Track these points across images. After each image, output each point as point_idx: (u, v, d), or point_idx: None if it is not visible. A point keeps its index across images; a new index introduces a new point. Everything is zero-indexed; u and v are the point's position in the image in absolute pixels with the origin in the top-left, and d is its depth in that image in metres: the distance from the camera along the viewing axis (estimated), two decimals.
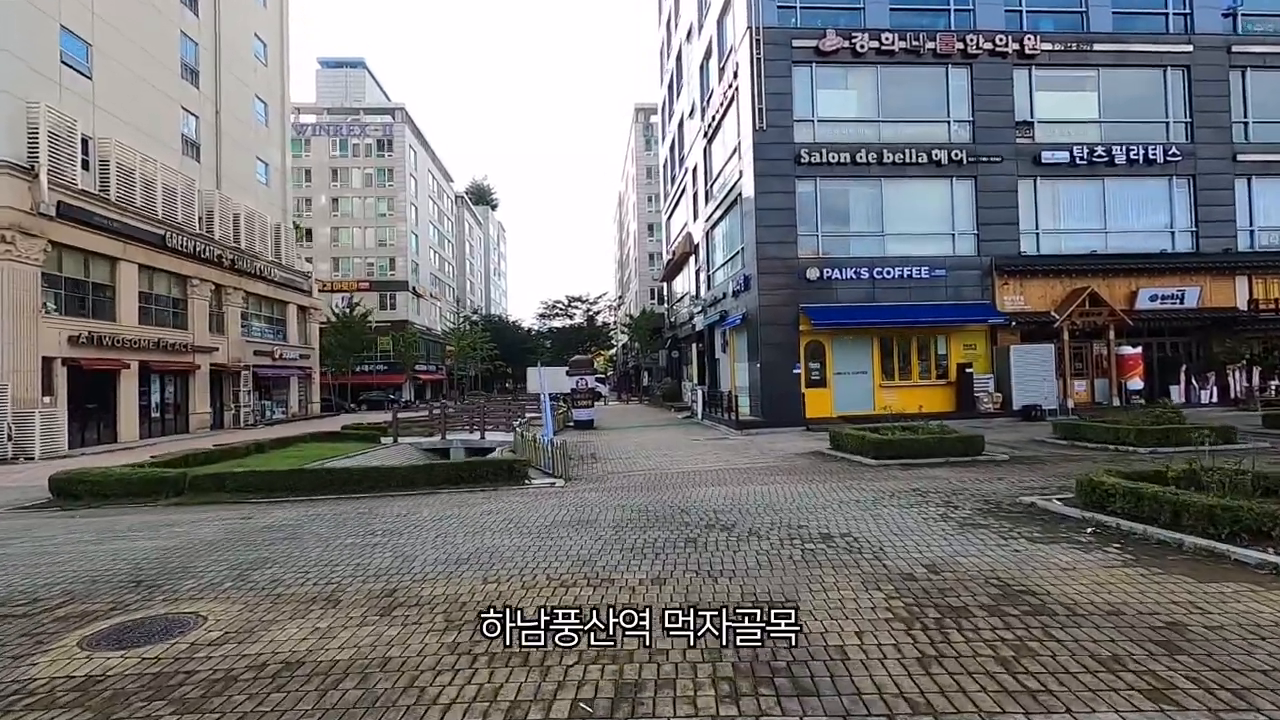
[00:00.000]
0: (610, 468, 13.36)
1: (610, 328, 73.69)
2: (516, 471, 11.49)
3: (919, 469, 11.09)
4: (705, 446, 16.59)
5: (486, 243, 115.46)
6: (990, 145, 21.67)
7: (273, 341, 36.23)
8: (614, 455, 15.51)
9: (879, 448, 11.91)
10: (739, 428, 20.18)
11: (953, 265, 21.50)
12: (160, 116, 27.62)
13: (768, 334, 21.03)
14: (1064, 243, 22.25)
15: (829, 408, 21.27)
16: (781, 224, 21.18)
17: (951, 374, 21.59)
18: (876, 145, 21.44)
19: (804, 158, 21.12)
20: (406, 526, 7.87)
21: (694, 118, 31.46)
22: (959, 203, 21.87)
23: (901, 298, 21.24)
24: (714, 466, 12.72)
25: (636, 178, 68.49)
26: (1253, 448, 11.67)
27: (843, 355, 21.59)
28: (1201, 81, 22.30)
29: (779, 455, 14.11)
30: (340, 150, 65.12)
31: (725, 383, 26.58)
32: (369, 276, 64.81)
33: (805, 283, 21.11)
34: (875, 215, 21.84)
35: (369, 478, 11.24)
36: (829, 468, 11.76)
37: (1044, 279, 21.76)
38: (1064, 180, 22.15)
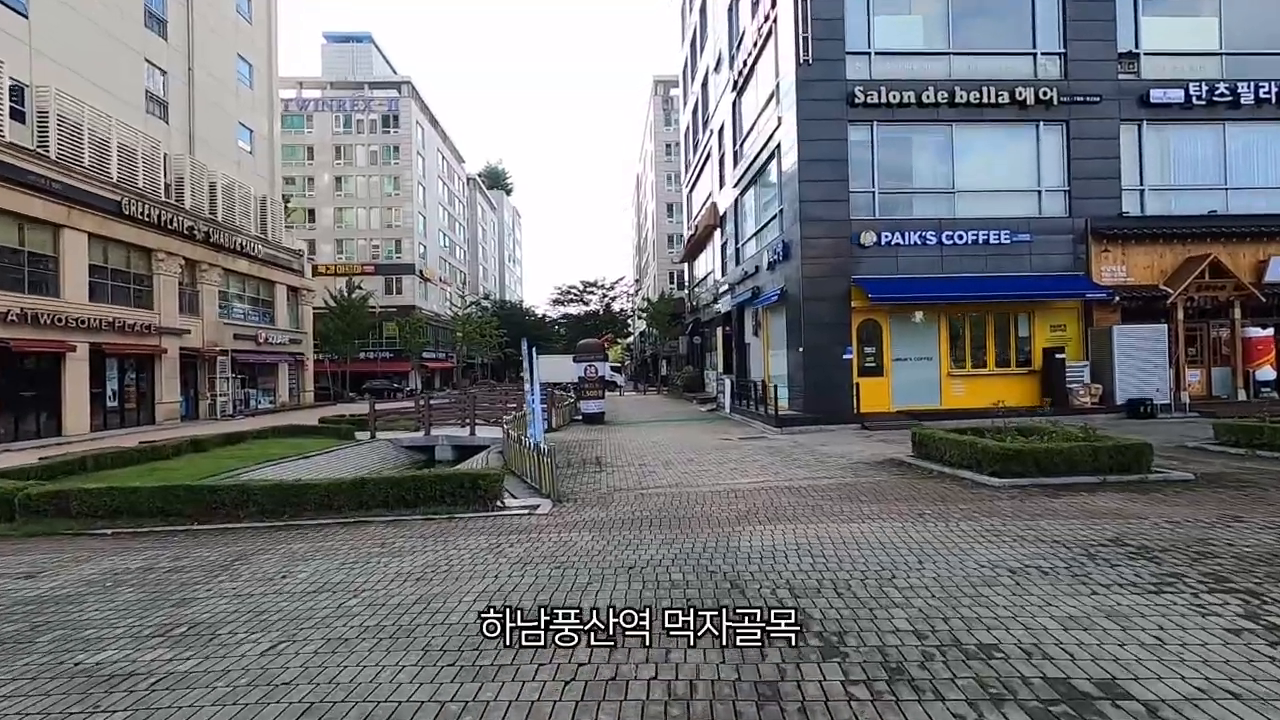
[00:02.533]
0: (618, 480, 9.92)
1: (627, 314, 70.20)
2: (484, 490, 8.07)
3: (1071, 495, 7.49)
4: (741, 450, 13.09)
5: (500, 228, 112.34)
6: (1086, 82, 17.75)
7: (257, 324, 33.21)
8: (625, 461, 12.06)
9: (1003, 461, 8.31)
10: (778, 425, 16.65)
11: (1038, 229, 17.67)
12: (118, 68, 24.48)
13: (812, 312, 17.40)
14: (1175, 201, 18.29)
15: (886, 401, 17.63)
16: (830, 179, 17.48)
17: (1036, 360, 17.81)
18: (947, 82, 17.62)
19: (858, 98, 17.38)
20: (239, 617, 4.46)
21: (720, 71, 27.71)
22: (1047, 153, 17.99)
23: (976, 268, 17.49)
24: (760, 482, 9.21)
25: (655, 155, 64.67)
26: None
27: (903, 338, 17.90)
28: None
29: (843, 465, 10.56)
30: (344, 126, 62.00)
31: (757, 371, 23.01)
32: (374, 259, 61.79)
33: (859, 250, 17.43)
34: (944, 168, 18.04)
35: (271, 498, 7.89)
36: (929, 490, 8.19)
37: (1151, 245, 17.85)
38: (1177, 125, 18.16)
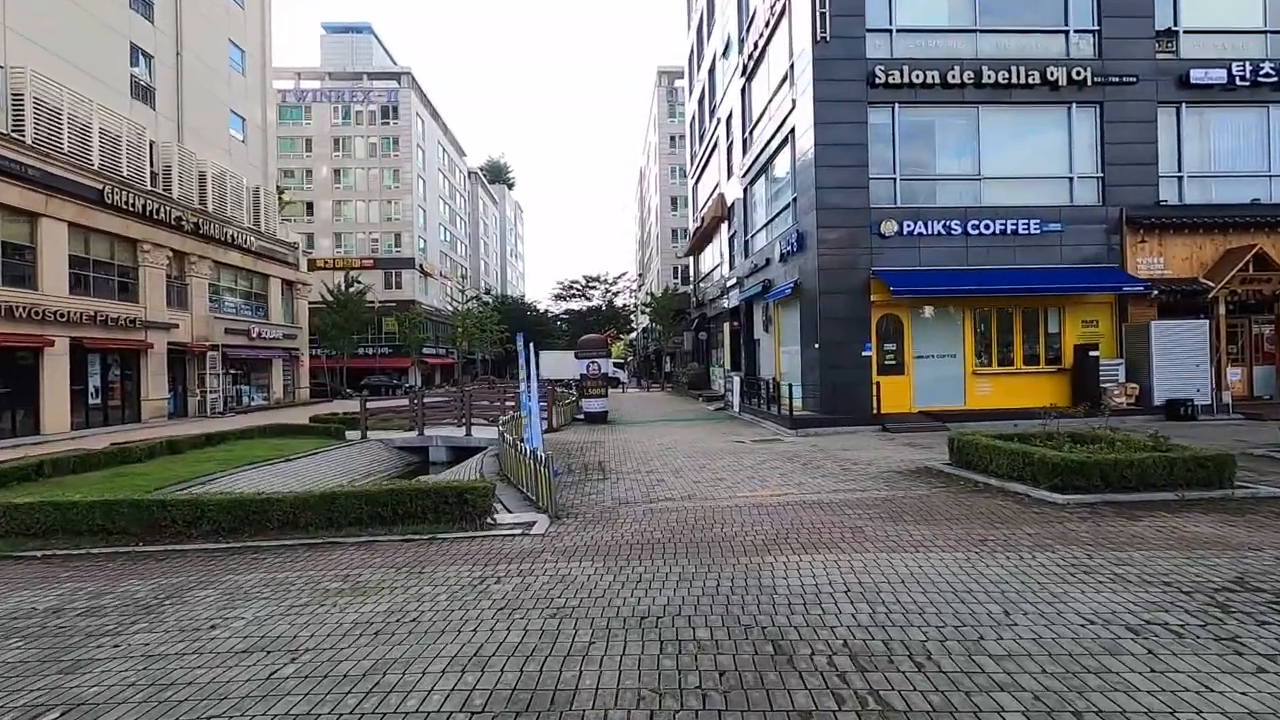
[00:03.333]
0: (624, 491, 8.91)
1: (629, 310, 69.16)
2: (472, 506, 7.07)
3: (1152, 517, 6.46)
4: (755, 455, 12.07)
5: (502, 223, 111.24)
6: (1122, 61, 16.64)
7: (250, 319, 32.23)
8: (631, 467, 11.05)
9: (1064, 474, 7.28)
10: (793, 426, 15.62)
11: (1070, 218, 16.59)
12: (100, 51, 23.45)
13: (829, 306, 16.36)
14: (1215, 189, 17.18)
15: (907, 400, 16.59)
16: (848, 164, 16.42)
17: (1066, 358, 16.75)
18: (973, 61, 16.52)
19: (878, 78, 16.30)
20: (134, 693, 3.45)
21: (728, 56, 26.61)
22: (1079, 137, 16.89)
23: (1003, 259, 16.43)
24: (784, 495, 8.19)
25: (659, 148, 63.52)
26: None
27: (925, 334, 16.85)
28: None
29: (874, 475, 9.54)
30: (343, 118, 60.89)
31: (767, 368, 21.97)
32: (373, 254, 60.75)
33: (878, 240, 16.37)
34: (969, 153, 16.96)
35: (229, 515, 6.90)
36: (982, 508, 7.16)
37: (1190, 235, 16.76)
38: (1218, 108, 17.04)
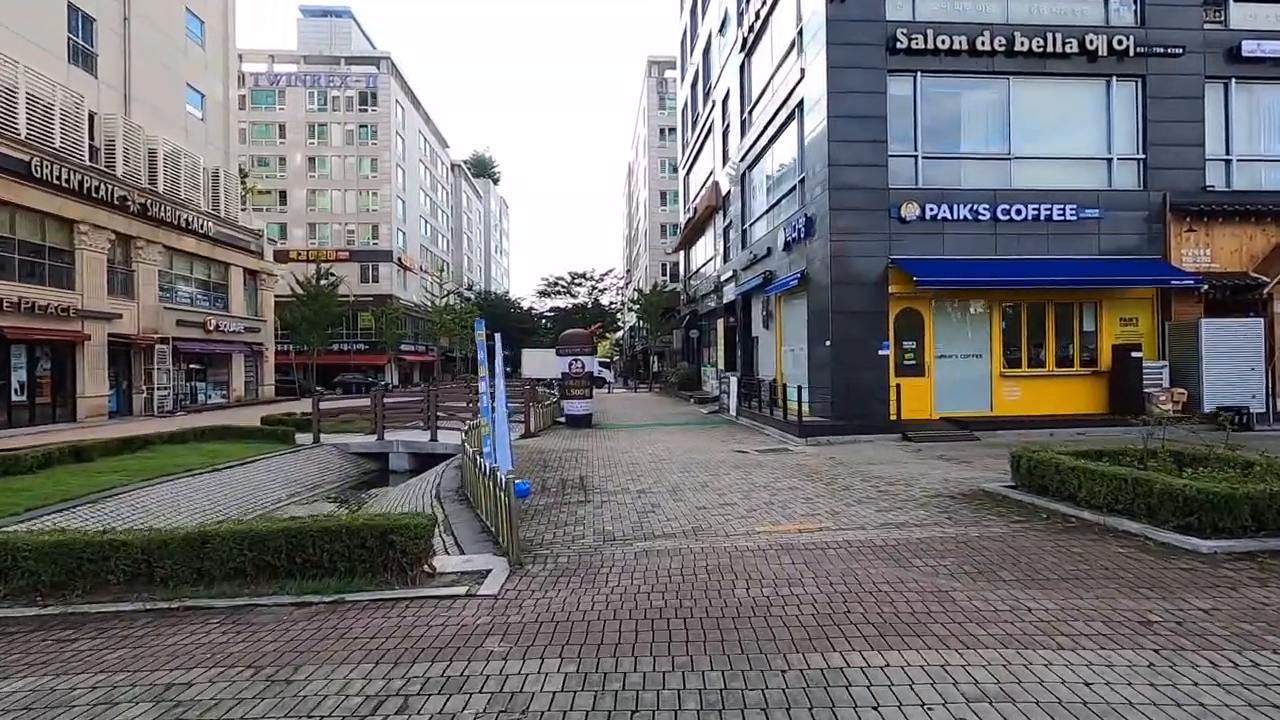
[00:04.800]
0: (609, 520, 6.99)
1: (616, 308, 67.16)
2: (402, 551, 5.11)
3: None
4: (766, 469, 10.19)
5: (487, 218, 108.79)
6: (1166, 30, 14.96)
7: (207, 310, 29.89)
8: (618, 485, 9.13)
9: (1202, 509, 5.44)
10: (801, 433, 13.78)
11: (1108, 203, 14.88)
12: (31, 7, 21.12)
13: (842, 298, 14.53)
14: (1267, 175, 15.58)
15: (928, 405, 14.80)
16: (865, 139, 14.59)
17: (1103, 359, 15.05)
18: (1004, 27, 14.76)
19: (900, 42, 14.49)
20: None
21: (726, 32, 24.77)
22: (1118, 114, 15.19)
23: (1035, 248, 14.69)
24: (818, 532, 6.30)
25: (648, 140, 61.62)
26: None
27: (948, 331, 15.08)
28: None
29: (920, 500, 7.69)
30: (319, 104, 58.30)
31: (767, 369, 20.13)
32: (349, 245, 58.24)
33: (898, 225, 14.56)
34: (999, 130, 15.19)
35: (52, 564, 4.87)
36: (1096, 556, 5.32)
37: (1240, 225, 15.11)
38: (1272, 85, 15.44)
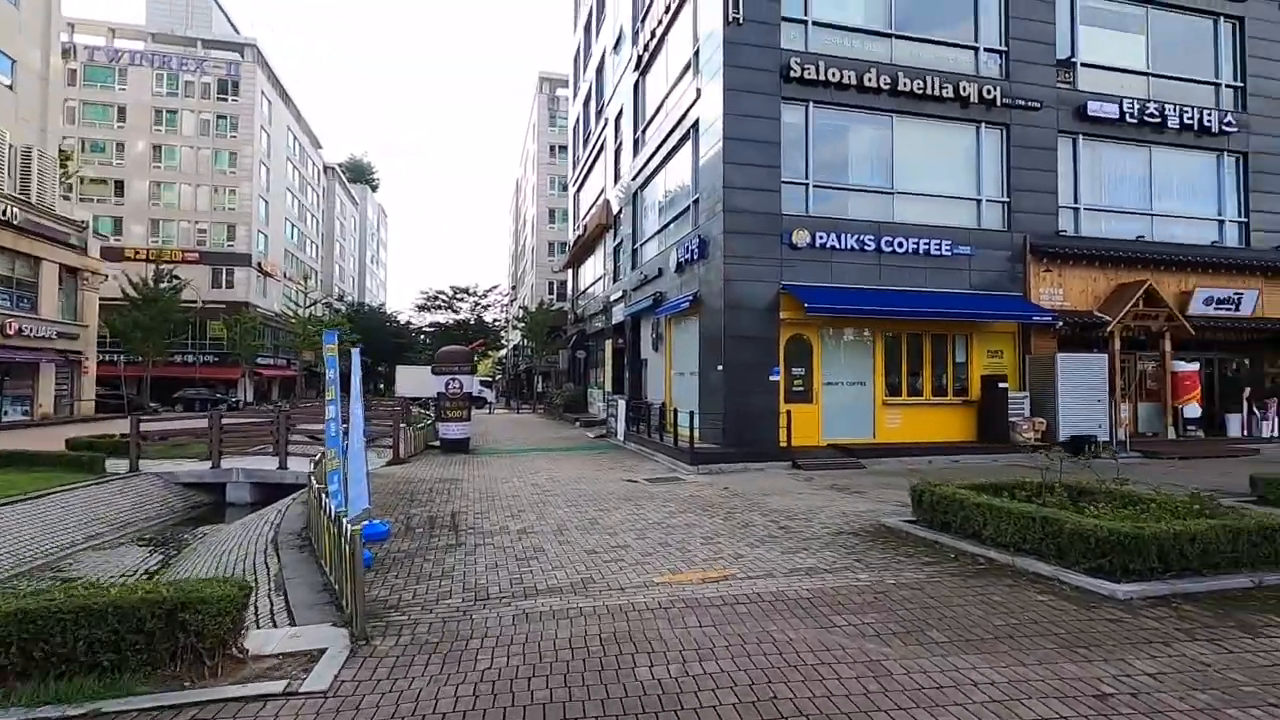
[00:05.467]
0: (483, 571, 5.91)
1: (501, 325, 65.02)
2: (198, 634, 3.80)
3: (1274, 625, 4.52)
4: (659, 501, 9.45)
5: (363, 226, 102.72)
6: (1026, 85, 16.15)
7: (7, 312, 25.31)
8: (494, 523, 8.01)
9: (1112, 551, 5.22)
10: (693, 461, 13.22)
11: (979, 242, 15.72)
12: None
13: (735, 322, 14.25)
14: (1106, 224, 17.11)
15: (816, 432, 14.78)
16: (759, 164, 14.52)
17: (973, 390, 15.75)
18: (889, 67, 15.30)
19: (793, 71, 14.60)
20: None
21: (620, 50, 24.48)
22: (987, 158, 16.17)
23: (915, 280, 15.20)
24: (725, 582, 5.58)
25: (538, 157, 60.58)
26: None
27: (835, 358, 15.21)
28: (1256, 40, 18.01)
29: (822, 537, 7.21)
30: (169, 87, 52.36)
31: (656, 392, 19.61)
32: (199, 246, 52.36)
33: (790, 251, 14.56)
34: (883, 164, 15.68)
35: None
36: (1017, 607, 4.95)
37: (1086, 268, 16.45)
38: (1110, 143, 17.02)
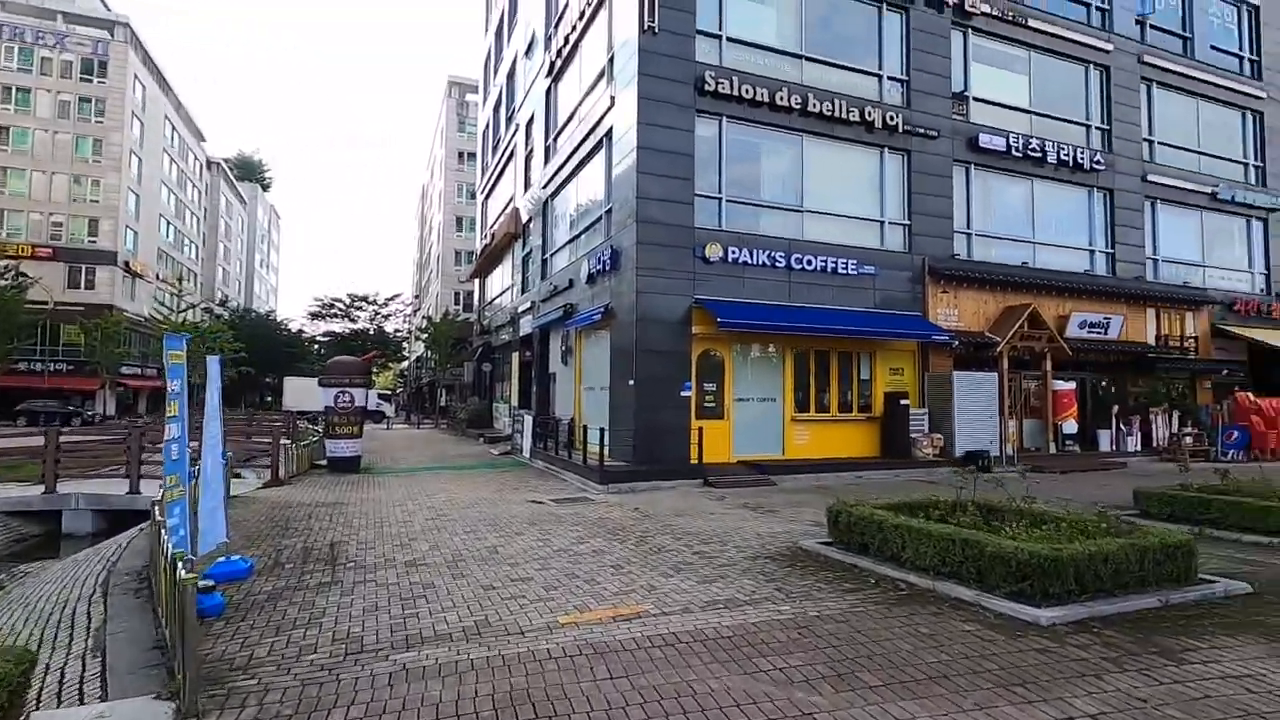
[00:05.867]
0: (359, 615, 5.08)
1: (403, 336, 62.15)
2: None
3: (1190, 649, 4.46)
4: (567, 525, 8.80)
5: (252, 227, 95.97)
6: (925, 115, 16.86)
7: None
8: (382, 554, 7.11)
9: (1033, 574, 5.08)
10: (602, 480, 12.66)
11: (883, 262, 16.17)
12: None
13: (647, 336, 13.87)
14: (995, 250, 18.09)
15: (727, 449, 14.60)
16: (673, 175, 14.29)
17: (877, 406, 16.11)
18: (800, 88, 15.53)
19: (708, 84, 14.52)
20: None
21: (533, 55, 23.85)
22: (889, 182, 16.72)
23: (823, 298, 15.40)
24: (639, 620, 5.03)
25: (446, 163, 58.64)
26: None
27: (746, 374, 15.13)
28: (1119, 88, 19.76)
29: (739, 563, 6.82)
30: (20, 62, 46.73)
31: (565, 407, 18.92)
32: (54, 241, 46.81)
33: (703, 265, 14.38)
34: (794, 182, 15.87)
35: None
36: (946, 640, 4.69)
37: (978, 291, 17.30)
38: (998, 174, 18.05)
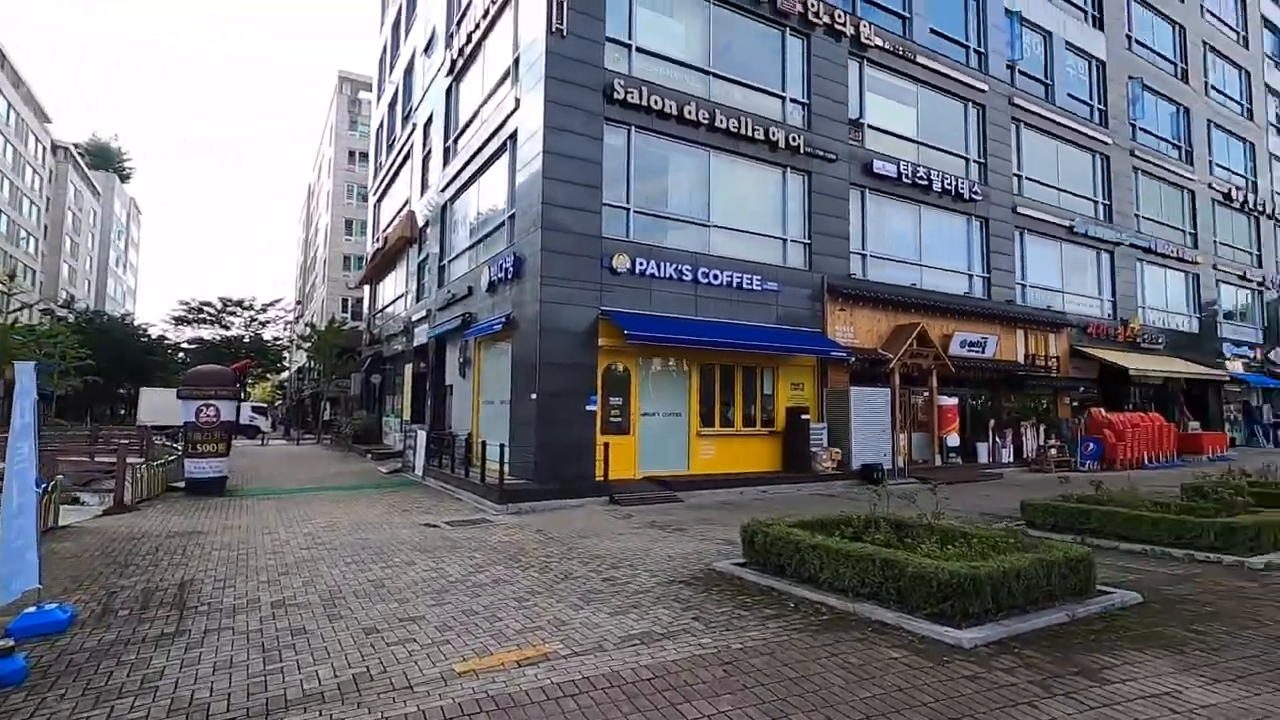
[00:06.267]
0: (205, 678, 4.18)
1: (283, 344, 57.75)
2: None
3: (1107, 668, 4.44)
4: (464, 551, 8.04)
5: (107, 221, 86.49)
6: (824, 138, 17.43)
7: None
8: (242, 597, 6.09)
9: (954, 594, 4.96)
10: (501, 499, 11.90)
11: (785, 279, 16.45)
12: None
13: (551, 348, 13.30)
14: (887, 271, 18.91)
15: (632, 465, 14.22)
16: (580, 182, 13.86)
17: (779, 421, 16.30)
18: (708, 103, 15.60)
19: (617, 92, 14.25)
20: None
21: (432, 53, 22.79)
22: (791, 201, 17.10)
23: (728, 313, 15.43)
24: (548, 664, 4.46)
25: (335, 162, 55.30)
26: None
27: (652, 387, 14.84)
28: (993, 125, 21.37)
29: (652, 589, 6.38)
30: None
31: (462, 422, 17.90)
32: None
33: (610, 276, 14.01)
34: (700, 196, 15.86)
35: None
36: (876, 669, 4.45)
37: (872, 310, 17.98)
38: (889, 199, 18.93)
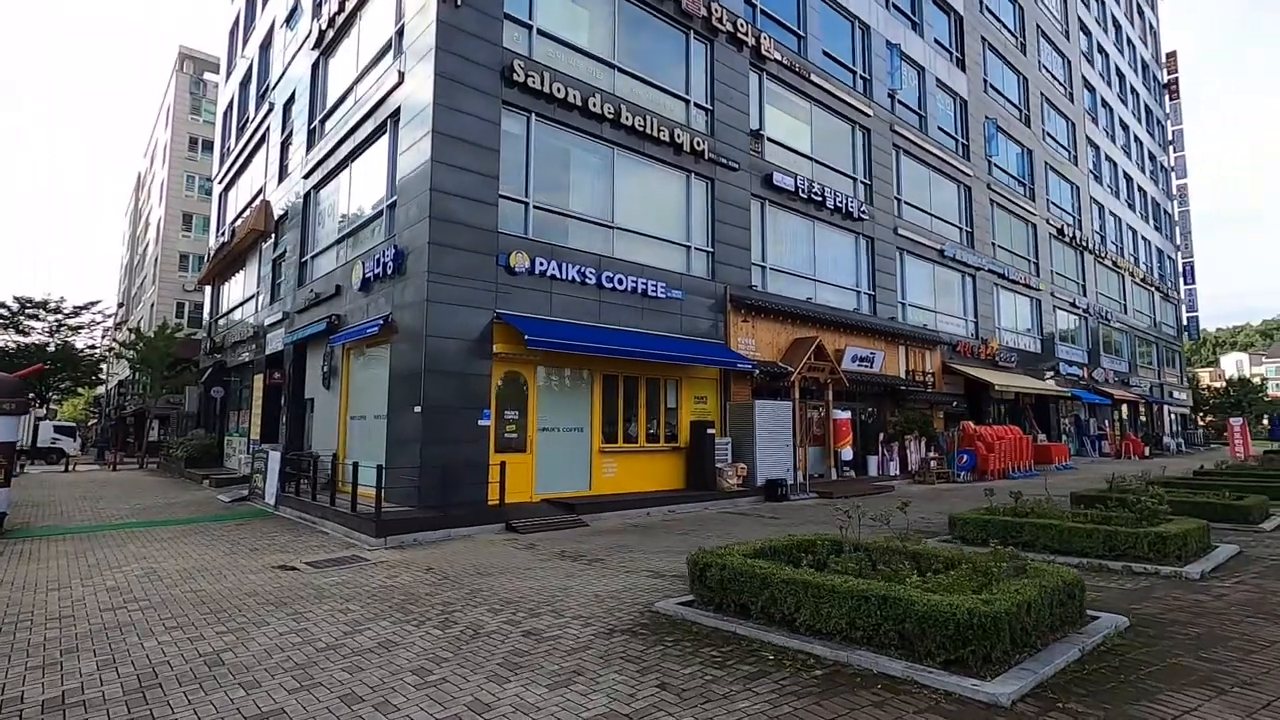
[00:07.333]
0: None
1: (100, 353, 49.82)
2: None
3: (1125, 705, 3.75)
4: (333, 604, 6.32)
5: None
6: (727, 146, 17.07)
7: None
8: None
9: (976, 637, 4.15)
10: (379, 531, 10.04)
11: (689, 288, 15.77)
12: None
13: (440, 354, 11.65)
14: (786, 284, 18.82)
15: (529, 486, 12.78)
16: (475, 170, 12.38)
17: (683, 436, 15.50)
18: (613, 98, 14.66)
19: (516, 74, 12.95)
20: None
21: (295, 24, 20.19)
22: (695, 207, 16.52)
23: (632, 320, 14.48)
24: None
25: (173, 149, 48.83)
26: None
27: (551, 400, 13.51)
28: (877, 149, 22.19)
29: (584, 643, 5.12)
30: None
31: (325, 440, 15.54)
32: None
33: (507, 275, 12.59)
34: (604, 195, 14.83)
35: None
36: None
37: (772, 322, 17.74)
38: (787, 212, 18.92)
